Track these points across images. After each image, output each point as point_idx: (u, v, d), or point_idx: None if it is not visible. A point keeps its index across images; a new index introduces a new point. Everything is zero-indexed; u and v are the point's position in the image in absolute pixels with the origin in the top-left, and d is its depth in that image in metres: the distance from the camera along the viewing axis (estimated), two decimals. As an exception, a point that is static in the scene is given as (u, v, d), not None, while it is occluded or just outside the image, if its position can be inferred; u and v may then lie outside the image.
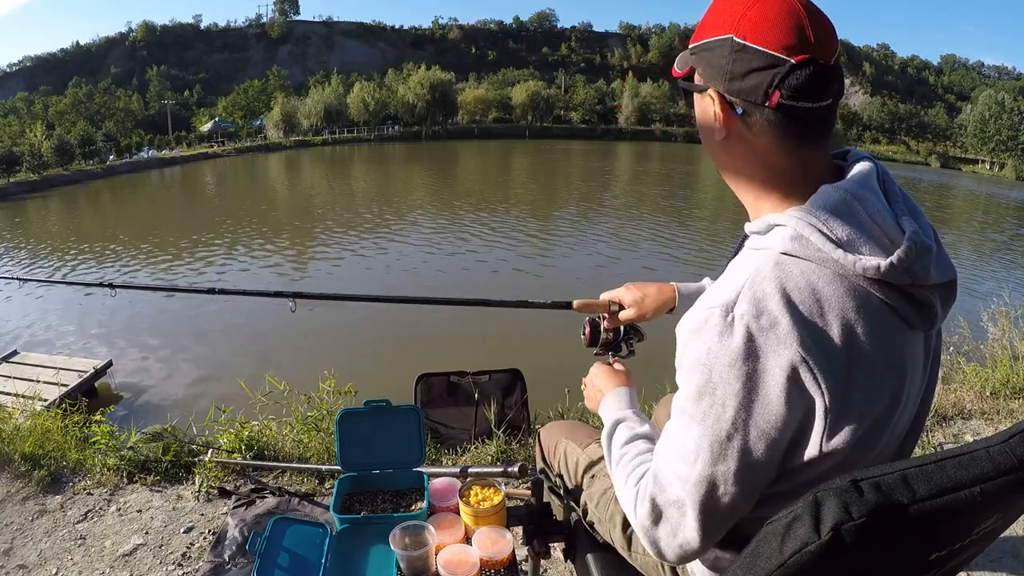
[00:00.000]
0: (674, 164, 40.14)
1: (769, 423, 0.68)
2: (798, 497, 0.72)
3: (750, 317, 0.67)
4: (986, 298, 4.38)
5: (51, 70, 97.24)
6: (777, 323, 0.66)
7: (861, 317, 0.68)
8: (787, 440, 0.70)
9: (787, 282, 0.68)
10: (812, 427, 0.69)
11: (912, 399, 0.78)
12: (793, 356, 0.66)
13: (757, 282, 0.69)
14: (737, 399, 0.68)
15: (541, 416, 3.07)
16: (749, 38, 0.70)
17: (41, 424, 2.75)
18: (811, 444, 0.70)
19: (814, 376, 0.66)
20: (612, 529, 1.09)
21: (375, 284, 11.08)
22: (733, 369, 0.67)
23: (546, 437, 1.39)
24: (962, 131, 69.72)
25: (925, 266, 0.70)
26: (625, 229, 16.06)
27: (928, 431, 2.80)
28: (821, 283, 0.68)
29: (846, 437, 0.69)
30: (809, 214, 0.70)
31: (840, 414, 0.68)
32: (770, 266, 0.69)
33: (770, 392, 0.67)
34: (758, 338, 0.66)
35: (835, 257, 0.67)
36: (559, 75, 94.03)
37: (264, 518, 2.11)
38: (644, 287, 1.31)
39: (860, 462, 0.73)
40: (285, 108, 54.08)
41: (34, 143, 29.35)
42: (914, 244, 0.69)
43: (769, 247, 0.72)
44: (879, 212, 0.71)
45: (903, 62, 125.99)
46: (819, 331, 0.67)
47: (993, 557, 1.90)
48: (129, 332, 8.42)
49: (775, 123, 0.72)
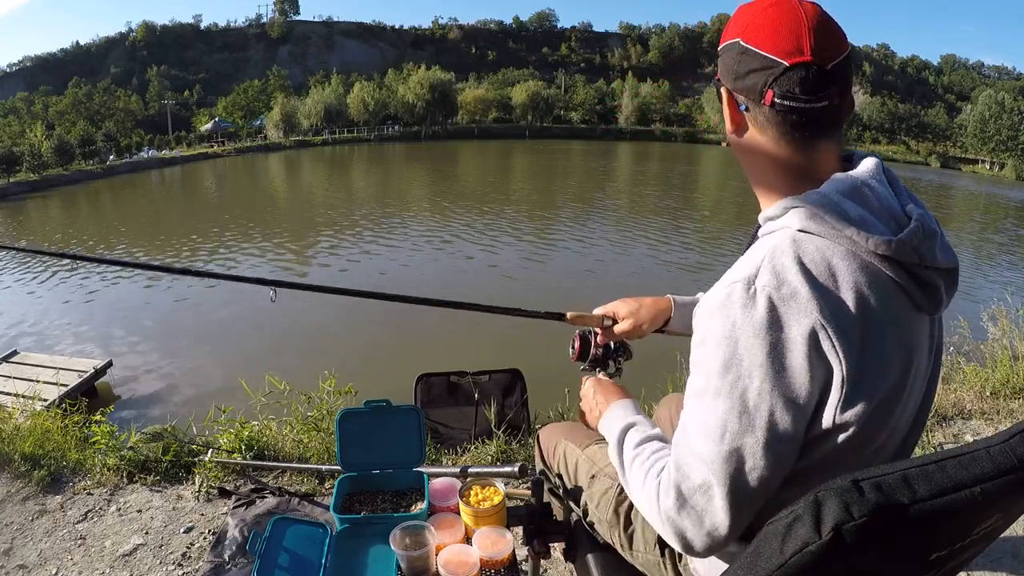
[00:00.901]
0: (673, 164, 40.14)
1: (794, 392, 0.70)
2: (806, 481, 0.73)
3: (772, 288, 0.70)
4: (986, 298, 4.38)
5: (51, 70, 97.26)
6: (797, 292, 0.70)
7: (873, 291, 0.72)
8: (811, 410, 0.71)
9: (804, 256, 0.72)
10: (829, 397, 0.71)
11: (919, 383, 0.80)
12: (814, 323, 0.69)
13: (776, 256, 0.73)
14: (763, 369, 0.70)
15: (541, 416, 3.08)
16: (751, 42, 0.77)
17: (41, 424, 2.75)
18: (826, 415, 0.71)
19: (832, 344, 0.69)
20: (613, 528, 1.09)
21: (373, 284, 11.08)
22: (758, 339, 0.70)
23: (545, 439, 1.39)
24: (962, 131, 69.67)
25: (932, 248, 0.75)
26: (624, 229, 16.07)
27: (928, 431, 2.80)
28: (836, 258, 0.72)
29: (860, 409, 0.71)
30: (824, 196, 0.75)
31: (855, 384, 0.70)
32: (788, 242, 0.74)
33: (794, 361, 0.69)
34: (780, 307, 0.70)
35: (848, 234, 0.71)
36: (559, 75, 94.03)
37: (264, 518, 2.11)
38: (640, 300, 1.31)
39: (873, 441, 0.75)
40: (285, 108, 54.06)
41: (34, 143, 29.34)
42: (921, 225, 0.74)
43: (786, 226, 0.76)
44: (886, 198, 0.77)
45: (903, 62, 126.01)
46: (836, 300, 0.70)
47: (993, 557, 1.91)
48: (129, 332, 8.42)
49: (772, 120, 0.79)
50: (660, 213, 19.45)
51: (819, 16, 0.76)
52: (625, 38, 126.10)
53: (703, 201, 23.80)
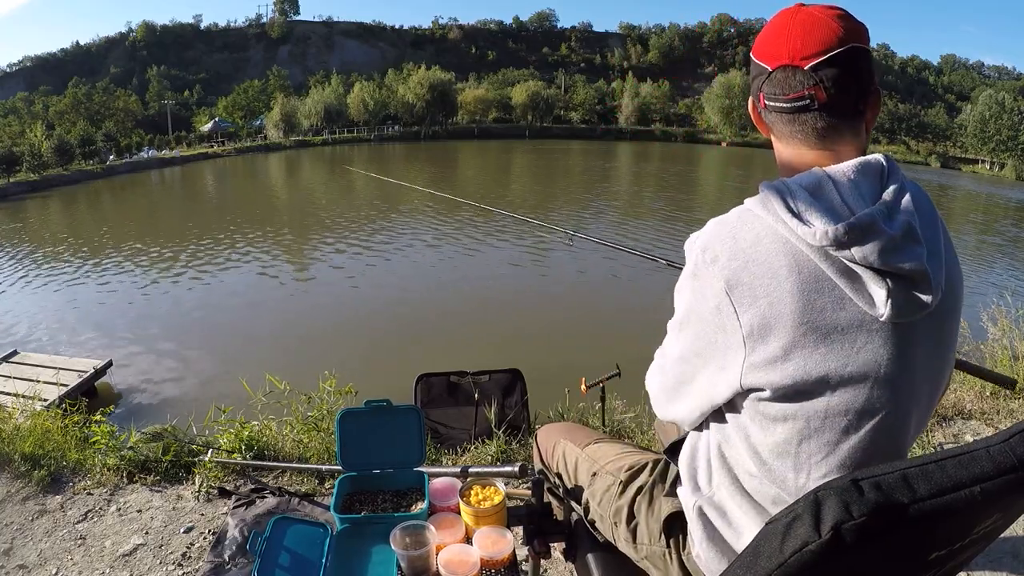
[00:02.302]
0: (673, 165, 40.12)
1: (701, 327, 0.84)
2: (787, 457, 0.80)
3: (699, 250, 0.83)
4: (986, 298, 4.38)
5: (51, 70, 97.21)
6: (716, 259, 0.80)
7: (792, 276, 0.75)
8: (713, 353, 0.83)
9: (739, 230, 0.80)
10: (734, 358, 0.80)
11: (880, 386, 0.76)
12: (720, 288, 0.79)
13: (718, 224, 0.83)
14: (686, 304, 0.87)
15: (541, 416, 3.08)
16: (754, 52, 0.87)
17: (41, 424, 2.75)
18: (731, 373, 0.81)
19: (734, 311, 0.78)
20: (617, 524, 1.09)
21: (373, 287, 11.08)
22: (686, 281, 0.87)
23: (544, 439, 1.39)
24: (962, 131, 69.54)
25: (878, 250, 0.72)
26: (623, 231, 16.07)
27: (928, 431, 2.80)
28: (767, 241, 0.78)
29: (763, 377, 0.78)
30: (784, 184, 0.79)
31: (755, 352, 0.78)
32: (735, 216, 0.83)
33: (703, 308, 0.83)
34: (700, 267, 0.83)
35: (784, 220, 0.76)
36: (559, 75, 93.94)
37: (264, 518, 2.11)
38: None
39: (826, 424, 0.78)
40: (285, 108, 53.99)
41: (34, 143, 29.31)
42: (858, 223, 0.73)
43: (745, 203, 0.83)
44: (852, 196, 0.76)
45: (903, 62, 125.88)
46: (748, 276, 0.77)
47: (993, 557, 1.91)
48: (129, 332, 8.42)
49: (771, 121, 0.87)
50: (657, 213, 19.47)
51: (810, 19, 0.80)
52: (625, 38, 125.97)
53: (703, 201, 23.81)
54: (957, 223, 21.86)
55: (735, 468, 0.88)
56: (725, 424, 0.88)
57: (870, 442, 0.78)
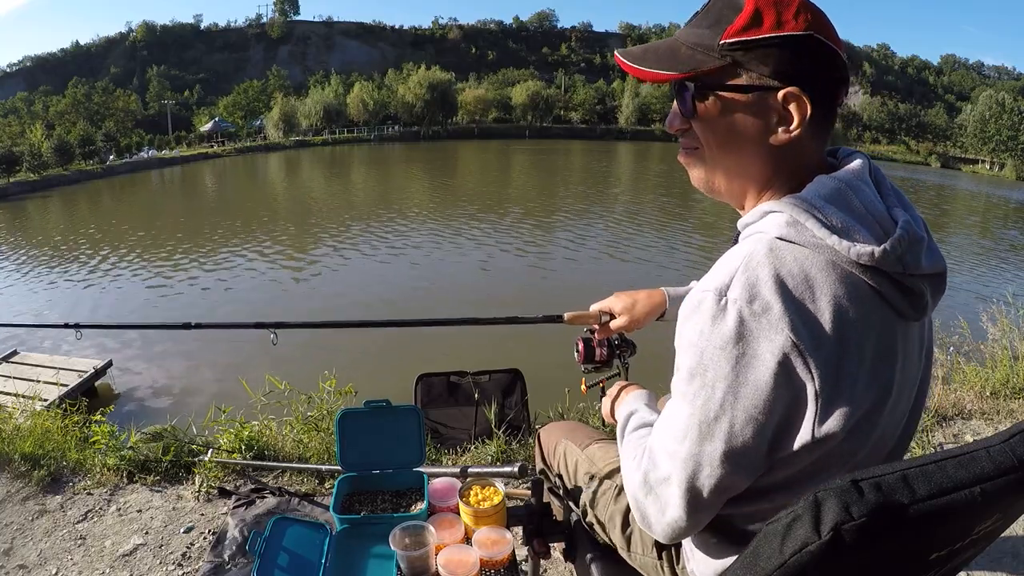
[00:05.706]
0: (671, 165, 40.02)
1: (757, 407, 0.68)
2: (797, 488, 0.73)
3: (743, 302, 0.68)
4: (986, 298, 4.38)
5: (51, 70, 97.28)
6: (769, 308, 0.67)
7: (853, 304, 0.68)
8: (774, 425, 0.70)
9: (781, 267, 0.69)
10: (804, 413, 0.69)
11: (906, 391, 0.78)
12: (784, 341, 0.66)
13: (751, 267, 0.69)
14: (726, 382, 0.69)
15: (541, 416, 3.07)
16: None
17: (41, 424, 2.75)
18: (803, 431, 0.69)
19: (805, 361, 0.67)
20: (612, 529, 1.09)
21: (373, 290, 11.08)
22: (724, 352, 0.68)
23: (546, 438, 1.39)
24: (962, 131, 69.53)
25: (916, 255, 0.71)
26: (622, 231, 16.06)
27: (928, 431, 2.80)
28: (814, 270, 0.69)
29: (838, 423, 0.68)
30: (805, 201, 0.71)
31: (831, 399, 0.68)
32: (764, 251, 0.70)
33: (760, 376, 0.67)
34: (750, 322, 0.67)
35: (830, 243, 0.68)
36: (559, 75, 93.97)
37: (264, 518, 2.11)
38: (633, 294, 1.34)
39: (856, 453, 0.73)
40: (285, 108, 54.04)
41: (34, 143, 29.34)
42: (907, 233, 0.70)
43: (764, 232, 0.73)
44: (872, 202, 0.73)
45: (903, 62, 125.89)
46: (811, 317, 0.67)
47: (993, 557, 1.91)
48: (129, 332, 8.41)
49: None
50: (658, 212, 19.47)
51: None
52: (625, 38, 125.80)
53: (704, 202, 23.79)
54: (958, 223, 21.86)
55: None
56: None
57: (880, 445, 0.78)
